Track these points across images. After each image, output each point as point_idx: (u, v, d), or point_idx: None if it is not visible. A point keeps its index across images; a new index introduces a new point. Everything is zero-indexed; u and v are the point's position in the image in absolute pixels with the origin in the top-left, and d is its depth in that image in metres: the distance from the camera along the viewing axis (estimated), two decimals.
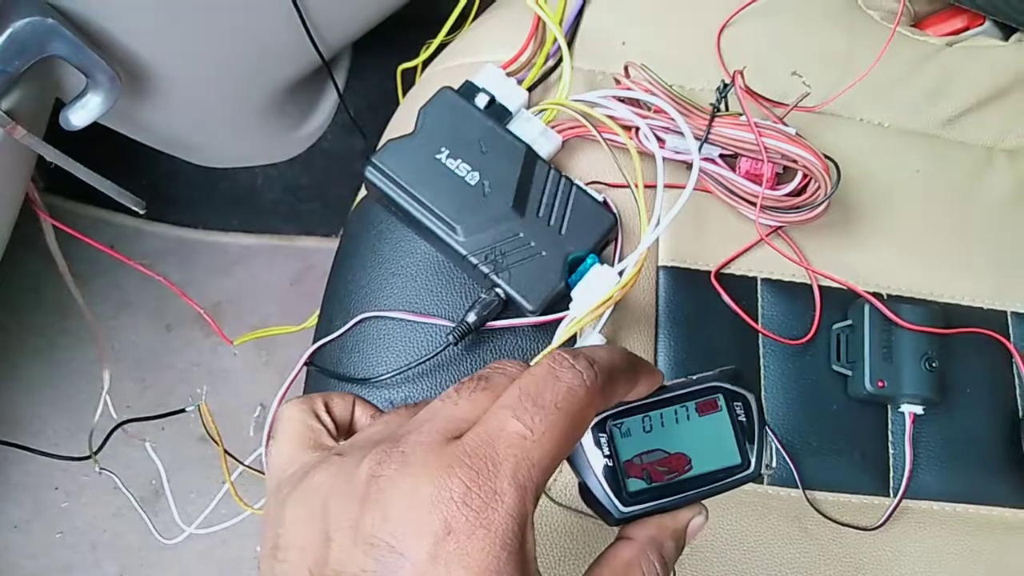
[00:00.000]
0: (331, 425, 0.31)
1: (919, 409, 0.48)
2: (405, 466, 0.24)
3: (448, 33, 0.64)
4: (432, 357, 0.47)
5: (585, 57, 0.55)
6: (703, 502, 0.31)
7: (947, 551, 0.47)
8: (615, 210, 0.51)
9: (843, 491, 0.48)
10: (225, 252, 1.05)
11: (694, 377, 0.32)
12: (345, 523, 0.24)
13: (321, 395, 0.33)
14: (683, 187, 0.45)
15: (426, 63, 0.62)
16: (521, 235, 0.48)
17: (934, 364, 0.47)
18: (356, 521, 0.24)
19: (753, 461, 0.32)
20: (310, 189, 0.98)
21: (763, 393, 0.49)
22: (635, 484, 0.30)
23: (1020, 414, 0.50)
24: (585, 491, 0.30)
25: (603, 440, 0.30)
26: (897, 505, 0.47)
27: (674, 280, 0.51)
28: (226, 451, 0.63)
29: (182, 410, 0.70)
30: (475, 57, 0.56)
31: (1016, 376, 0.51)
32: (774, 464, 0.33)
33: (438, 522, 0.23)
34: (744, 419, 0.32)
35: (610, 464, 0.30)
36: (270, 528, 0.27)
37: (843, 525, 0.46)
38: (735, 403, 0.32)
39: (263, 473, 0.51)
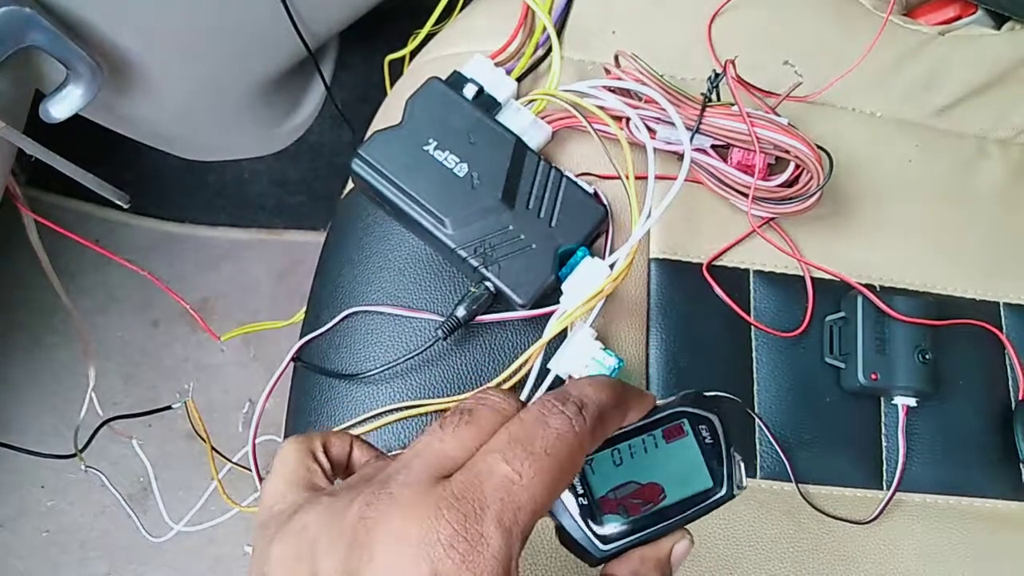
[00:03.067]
0: (327, 466, 0.31)
1: (912, 401, 0.47)
2: (393, 507, 0.24)
3: (436, 23, 0.63)
4: (421, 352, 0.47)
5: (575, 47, 0.55)
6: (685, 527, 0.31)
7: (940, 543, 0.47)
8: (606, 202, 0.50)
9: (836, 484, 0.47)
10: (212, 247, 1.04)
11: (658, 403, 0.32)
12: (332, 563, 0.24)
13: (320, 435, 0.33)
14: (674, 178, 0.45)
15: (413, 54, 0.61)
16: (511, 228, 0.47)
17: (927, 356, 0.47)
18: (343, 562, 0.24)
19: (725, 483, 0.32)
20: (298, 183, 0.97)
21: (755, 386, 0.49)
22: (612, 520, 0.30)
23: (1013, 405, 0.50)
24: (562, 533, 0.30)
25: (575, 480, 0.30)
26: (891, 498, 0.47)
27: (666, 272, 0.50)
28: (213, 448, 0.62)
29: (169, 407, 0.70)
30: (463, 47, 0.55)
31: (1008, 367, 0.51)
32: (745, 484, 0.33)
33: (424, 565, 0.23)
34: (711, 441, 0.32)
35: (585, 503, 0.30)
36: (256, 565, 0.26)
37: (836, 518, 0.46)
38: (700, 426, 0.32)
39: (250, 470, 0.51)
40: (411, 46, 0.63)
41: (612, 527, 0.30)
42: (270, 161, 0.95)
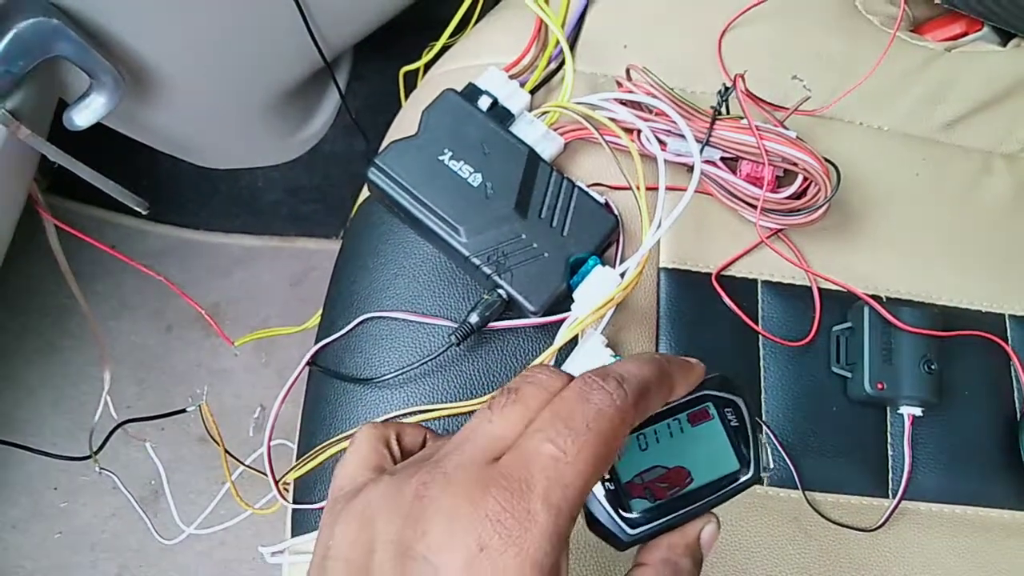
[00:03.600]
0: (397, 453, 0.33)
1: (918, 411, 0.48)
2: (447, 486, 0.25)
3: (451, 36, 0.64)
4: (434, 357, 0.48)
5: (587, 60, 0.56)
6: (712, 511, 0.31)
7: (945, 552, 0.47)
8: (617, 212, 0.51)
9: (842, 492, 0.48)
10: (226, 253, 1.05)
11: None
12: (389, 537, 0.25)
13: (395, 424, 0.34)
14: (684, 190, 0.46)
15: (428, 66, 0.62)
16: (523, 236, 0.48)
17: (933, 366, 0.47)
18: (398, 536, 0.25)
19: (752, 465, 0.32)
20: (311, 191, 0.98)
21: (763, 395, 0.49)
22: (639, 504, 0.30)
23: (1018, 416, 0.51)
24: (591, 519, 0.30)
25: None
26: (896, 506, 0.47)
27: (675, 282, 0.51)
28: (227, 451, 0.63)
29: (182, 410, 0.71)
30: (478, 60, 0.56)
31: (1014, 378, 0.52)
32: (772, 465, 0.33)
33: (472, 539, 0.24)
34: (736, 424, 0.32)
35: (612, 488, 0.30)
36: (322, 540, 0.28)
37: (842, 526, 0.47)
38: (726, 409, 0.32)
39: (263, 473, 0.52)
40: (426, 58, 0.65)
41: (639, 511, 0.30)
42: (284, 169, 0.96)
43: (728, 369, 0.49)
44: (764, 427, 0.48)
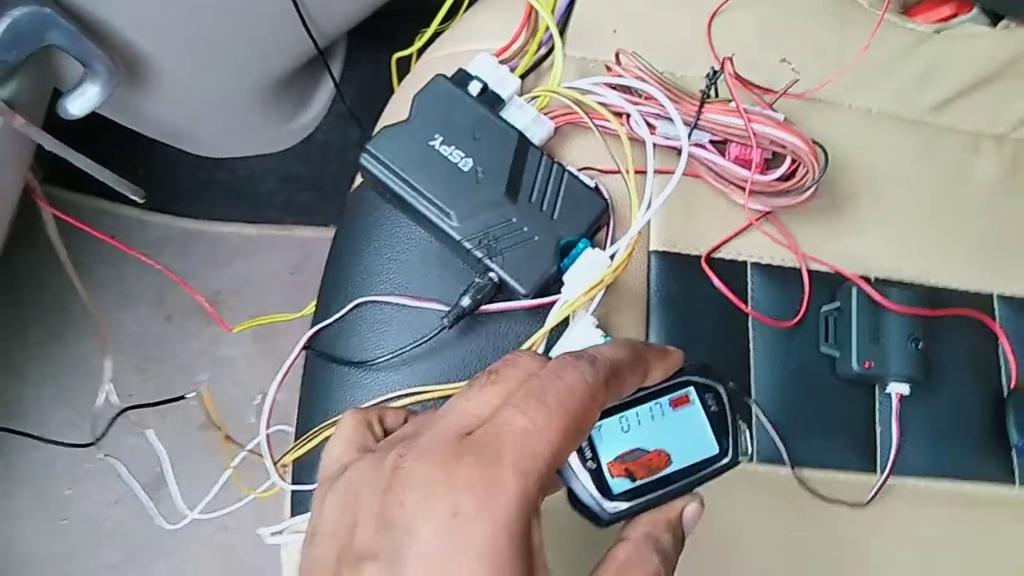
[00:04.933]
0: (380, 434, 0.33)
1: (906, 388, 0.48)
2: (421, 458, 0.26)
3: (442, 22, 0.65)
4: (427, 340, 0.48)
5: (577, 45, 0.56)
6: (696, 490, 0.32)
7: (933, 526, 0.48)
8: (607, 195, 0.51)
9: (831, 468, 0.49)
10: (225, 242, 1.06)
11: None
12: (370, 511, 0.27)
13: (377, 408, 0.35)
14: (673, 173, 0.46)
15: (420, 52, 0.62)
16: (514, 220, 0.48)
17: (920, 344, 0.48)
18: (379, 508, 0.26)
19: (730, 450, 0.33)
20: (307, 179, 0.99)
21: (752, 374, 0.50)
22: (619, 484, 0.31)
23: (1005, 393, 0.51)
24: (573, 497, 0.31)
25: (584, 445, 0.31)
26: (884, 482, 0.48)
27: (665, 264, 0.51)
28: (228, 436, 0.64)
29: (183, 397, 0.72)
30: (468, 45, 0.56)
31: (1001, 357, 0.52)
32: (751, 450, 0.34)
33: (446, 506, 0.25)
34: (716, 409, 0.33)
35: (593, 467, 0.31)
36: (312, 519, 0.29)
37: (831, 501, 0.47)
38: (706, 394, 0.33)
39: (262, 457, 0.52)
40: (418, 44, 0.65)
41: (619, 491, 0.31)
42: (280, 158, 0.96)
43: (717, 350, 0.50)
44: (753, 405, 0.49)
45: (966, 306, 0.52)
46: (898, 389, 0.48)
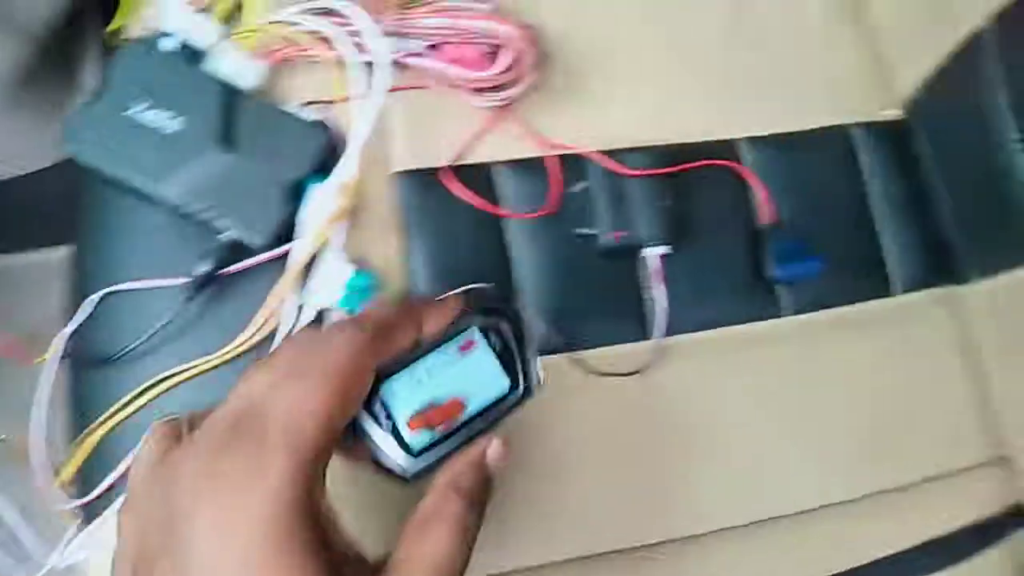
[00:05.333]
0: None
1: (662, 249, 0.49)
2: (192, 457, 0.27)
3: None
4: (172, 319, 0.46)
5: None
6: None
7: (711, 375, 0.49)
8: (336, 126, 0.49)
9: (607, 344, 0.49)
10: (31, 274, 0.99)
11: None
12: (157, 521, 0.27)
13: (187, 417, 0.33)
14: (403, 89, 0.45)
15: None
16: (235, 173, 0.46)
17: (668, 204, 0.48)
18: (164, 516, 0.27)
19: (521, 383, 0.34)
20: None
21: (513, 273, 0.49)
22: (419, 440, 0.31)
23: (756, 225, 0.53)
24: (376, 463, 0.31)
25: (377, 407, 0.31)
26: (657, 346, 0.49)
27: (410, 184, 0.50)
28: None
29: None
30: (162, 3, 0.52)
31: (752, 197, 0.53)
32: (543, 378, 0.35)
33: (216, 502, 0.25)
34: (502, 346, 0.33)
35: (390, 426, 0.31)
36: (115, 547, 0.29)
37: (608, 375, 0.48)
38: (490, 334, 0.34)
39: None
40: (123, 14, 0.60)
41: (420, 447, 0.31)
42: (57, 172, 0.90)
43: (478, 254, 0.50)
44: (523, 304, 0.49)
45: (714, 154, 0.53)
46: (656, 252, 0.49)
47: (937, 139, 0.53)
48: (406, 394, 0.31)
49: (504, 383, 0.33)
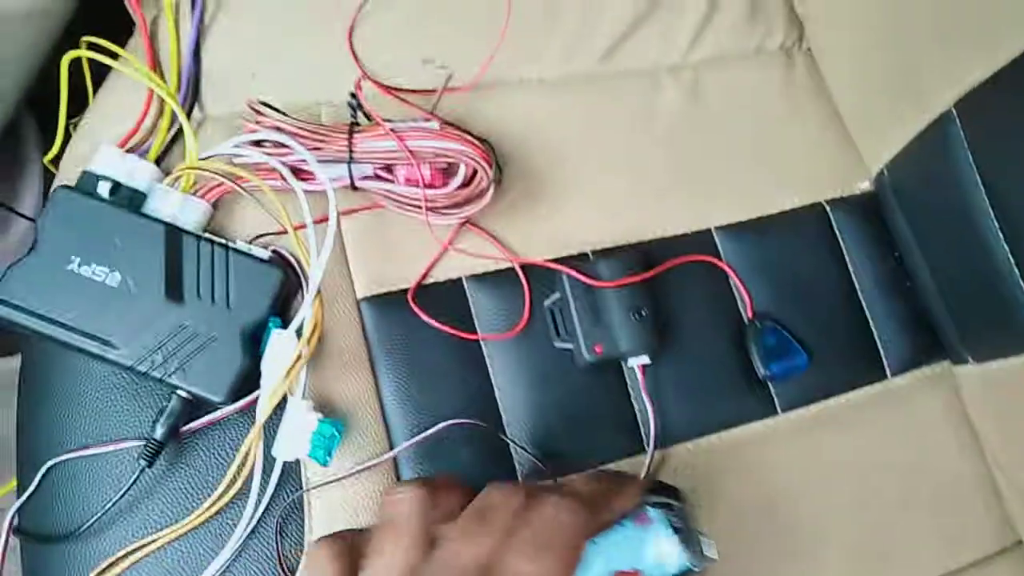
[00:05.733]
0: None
1: (645, 359, 0.47)
2: None
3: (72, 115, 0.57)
4: (128, 488, 0.42)
5: (217, 101, 0.50)
6: None
7: (711, 481, 0.47)
8: (291, 259, 0.47)
9: (600, 462, 0.46)
10: None
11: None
12: None
13: (349, 536, 0.32)
14: (362, 211, 0.42)
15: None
16: (186, 324, 0.43)
17: (643, 312, 0.46)
18: None
19: (697, 562, 0.34)
20: None
21: (497, 393, 0.47)
22: None
23: (744, 320, 0.50)
24: None
25: None
26: (651, 461, 0.46)
27: (377, 310, 0.48)
28: None
29: None
30: (97, 137, 0.50)
31: (733, 288, 0.51)
32: (715, 556, 0.35)
33: None
34: (678, 524, 0.34)
35: None
36: None
37: None
38: (665, 511, 0.34)
39: None
40: (58, 142, 0.57)
41: None
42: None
43: (456, 383, 0.47)
44: (507, 440, 0.46)
45: (689, 248, 0.51)
46: (637, 362, 0.47)
47: (912, 218, 0.51)
48: (587, 563, 0.32)
49: (683, 559, 0.33)
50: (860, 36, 0.53)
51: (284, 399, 0.43)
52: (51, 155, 0.59)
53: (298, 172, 0.46)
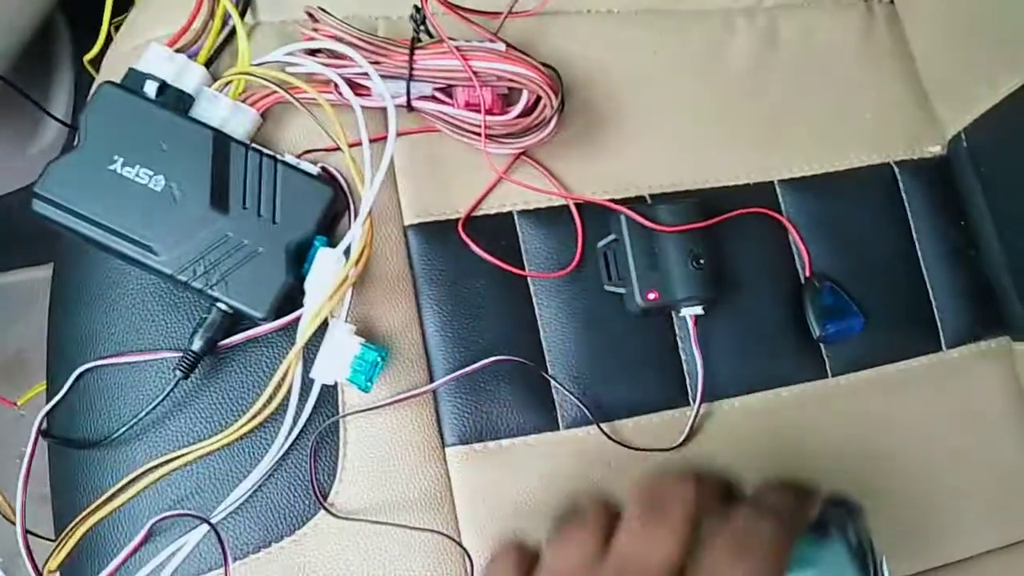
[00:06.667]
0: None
1: (699, 309, 0.45)
2: None
3: (118, 12, 0.55)
4: (164, 398, 0.41)
5: (270, 7, 0.48)
6: None
7: (755, 442, 0.46)
8: (339, 177, 0.45)
9: (643, 412, 0.45)
10: (11, 294, 0.94)
11: None
12: None
13: (525, 550, 0.31)
14: (416, 133, 0.40)
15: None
16: (230, 235, 0.41)
17: (701, 261, 0.44)
18: None
19: None
20: None
21: (542, 333, 0.45)
22: None
23: (802, 280, 0.49)
24: None
25: None
26: (697, 414, 0.45)
27: (424, 238, 0.46)
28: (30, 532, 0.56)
29: None
30: (143, 37, 0.48)
31: (792, 245, 0.49)
32: (889, 574, 0.33)
33: None
34: (856, 541, 0.32)
35: None
36: None
37: (645, 451, 0.44)
38: (843, 527, 0.32)
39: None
40: (100, 42, 0.55)
41: None
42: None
43: (500, 316, 0.46)
44: (551, 380, 0.45)
45: (747, 201, 0.49)
46: (690, 312, 0.45)
47: (989, 184, 0.49)
48: None
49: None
50: None
51: (325, 321, 0.42)
52: (91, 55, 0.57)
53: (353, 86, 0.44)
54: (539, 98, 0.45)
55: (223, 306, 0.42)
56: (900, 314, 0.49)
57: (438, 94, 0.46)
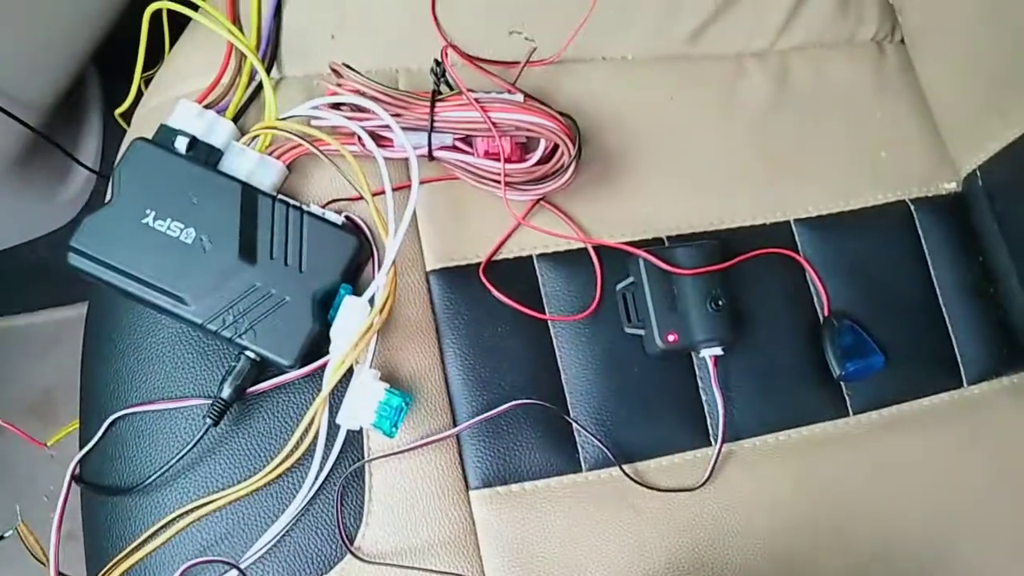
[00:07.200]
0: None
1: (718, 351, 0.46)
2: None
3: (148, 68, 0.57)
4: (193, 446, 0.42)
5: (295, 62, 0.50)
6: None
7: (775, 482, 0.46)
8: (364, 226, 0.46)
9: (665, 454, 0.46)
10: (39, 333, 0.96)
11: None
12: None
13: None
14: (437, 181, 0.41)
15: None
16: (258, 285, 0.43)
17: (720, 303, 0.45)
18: None
19: None
20: None
21: (563, 375, 0.46)
22: None
23: (820, 319, 0.49)
24: None
25: None
26: (719, 454, 0.45)
27: (446, 283, 0.47)
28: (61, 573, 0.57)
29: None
30: (172, 92, 0.49)
31: (811, 285, 0.50)
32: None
33: None
34: None
35: None
36: None
37: (668, 491, 0.44)
38: None
39: None
40: (131, 96, 0.57)
41: None
42: (63, 234, 0.87)
43: (522, 360, 0.46)
44: (573, 422, 0.45)
45: (764, 241, 0.49)
46: (710, 353, 0.45)
47: (1006, 220, 0.50)
48: None
49: None
50: (962, 27, 0.51)
51: (350, 368, 0.43)
52: (122, 109, 0.59)
53: (376, 138, 0.45)
54: (557, 146, 0.46)
55: (251, 354, 0.43)
56: (920, 351, 0.49)
57: (458, 143, 0.47)
